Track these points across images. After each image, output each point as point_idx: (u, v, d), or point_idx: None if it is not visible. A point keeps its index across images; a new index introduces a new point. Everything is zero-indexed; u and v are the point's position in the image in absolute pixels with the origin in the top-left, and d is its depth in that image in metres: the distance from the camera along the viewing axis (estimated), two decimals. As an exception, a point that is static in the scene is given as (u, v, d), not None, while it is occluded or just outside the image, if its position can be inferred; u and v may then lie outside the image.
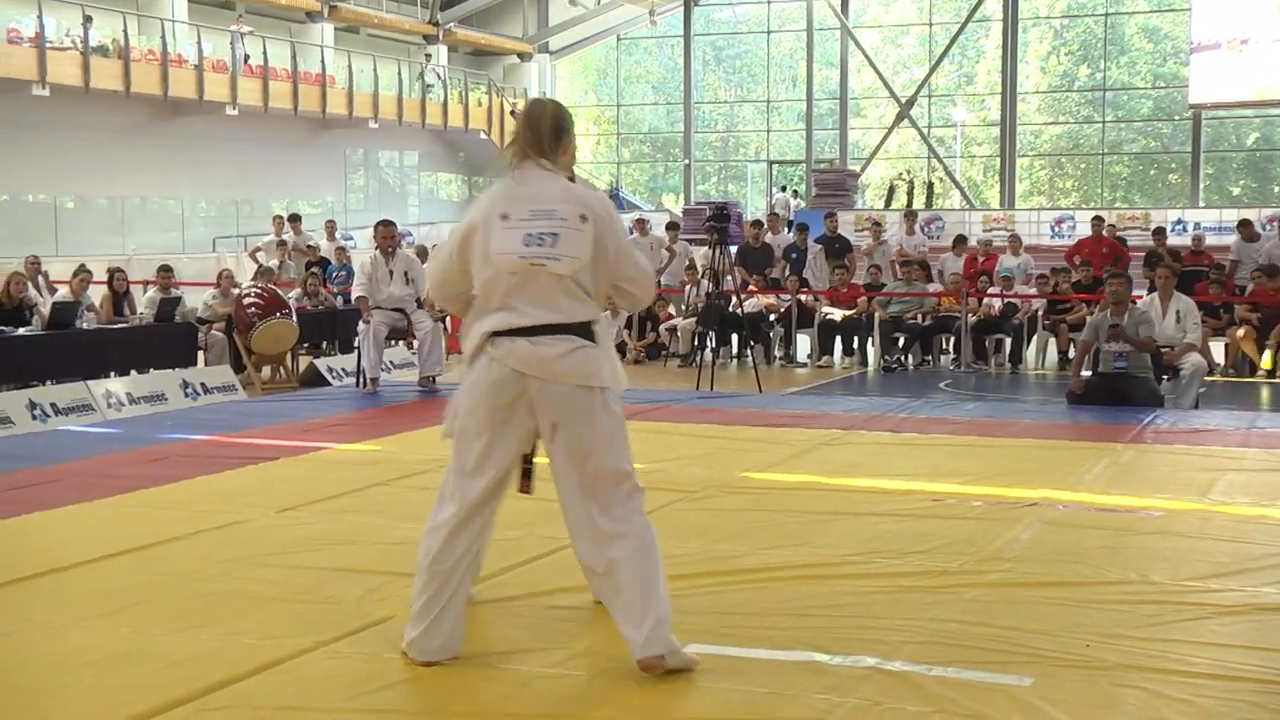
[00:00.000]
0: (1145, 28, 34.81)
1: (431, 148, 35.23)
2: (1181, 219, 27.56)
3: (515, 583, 5.10)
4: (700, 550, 5.49)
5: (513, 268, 4.11)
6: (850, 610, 4.69)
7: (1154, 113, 35.01)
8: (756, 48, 38.49)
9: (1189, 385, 10.81)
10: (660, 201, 37.87)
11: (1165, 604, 4.75)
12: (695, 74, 37.85)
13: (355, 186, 33.61)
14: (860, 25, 36.05)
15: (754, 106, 38.82)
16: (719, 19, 38.92)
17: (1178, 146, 34.28)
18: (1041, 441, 8.55)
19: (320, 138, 30.73)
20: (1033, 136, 36.01)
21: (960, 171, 36.13)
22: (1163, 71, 34.42)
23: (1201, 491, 6.78)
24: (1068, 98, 35.74)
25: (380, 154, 34.47)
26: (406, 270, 11.76)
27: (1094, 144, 35.46)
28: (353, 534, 5.93)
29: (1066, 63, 35.60)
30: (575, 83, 41.40)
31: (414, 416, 9.90)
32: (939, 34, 35.14)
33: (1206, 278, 15.13)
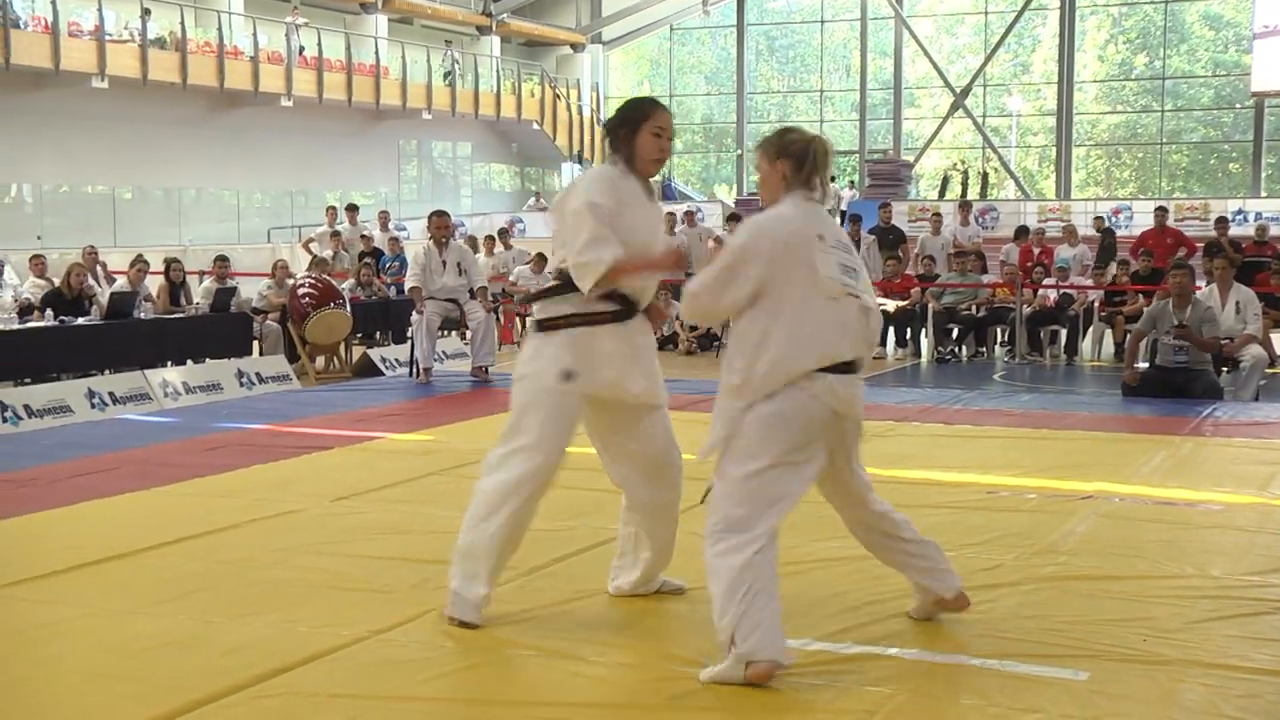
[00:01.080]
0: (1206, 15, 34.34)
1: (484, 138, 35.32)
2: (1242, 209, 27.18)
3: (566, 573, 5.12)
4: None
5: (835, 293, 3.98)
6: (903, 603, 4.66)
7: (1214, 101, 34.55)
8: (810, 37, 38.30)
9: (1249, 377, 10.67)
10: (713, 192, 37.81)
11: (1224, 599, 4.70)
12: (748, 64, 37.73)
13: (408, 177, 33.75)
14: (915, 14, 35.80)
15: (807, 96, 38.63)
16: (772, 8, 38.77)
17: (1239, 135, 33.82)
18: (1097, 434, 8.48)
19: (374, 129, 30.88)
20: (1089, 126, 35.63)
21: (1015, 161, 35.81)
22: (1224, 59, 33.96)
23: (1261, 485, 6.70)
24: (1125, 87, 35.33)
25: (433, 145, 34.59)
26: (460, 261, 11.80)
27: (1152, 133, 35.03)
28: (406, 523, 5.97)
29: (1124, 51, 35.18)
30: (628, 73, 41.38)
31: (467, 406, 9.95)
32: (994, 23, 34.82)
33: (1268, 268, 14.92)
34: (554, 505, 6.28)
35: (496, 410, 9.65)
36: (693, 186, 38.59)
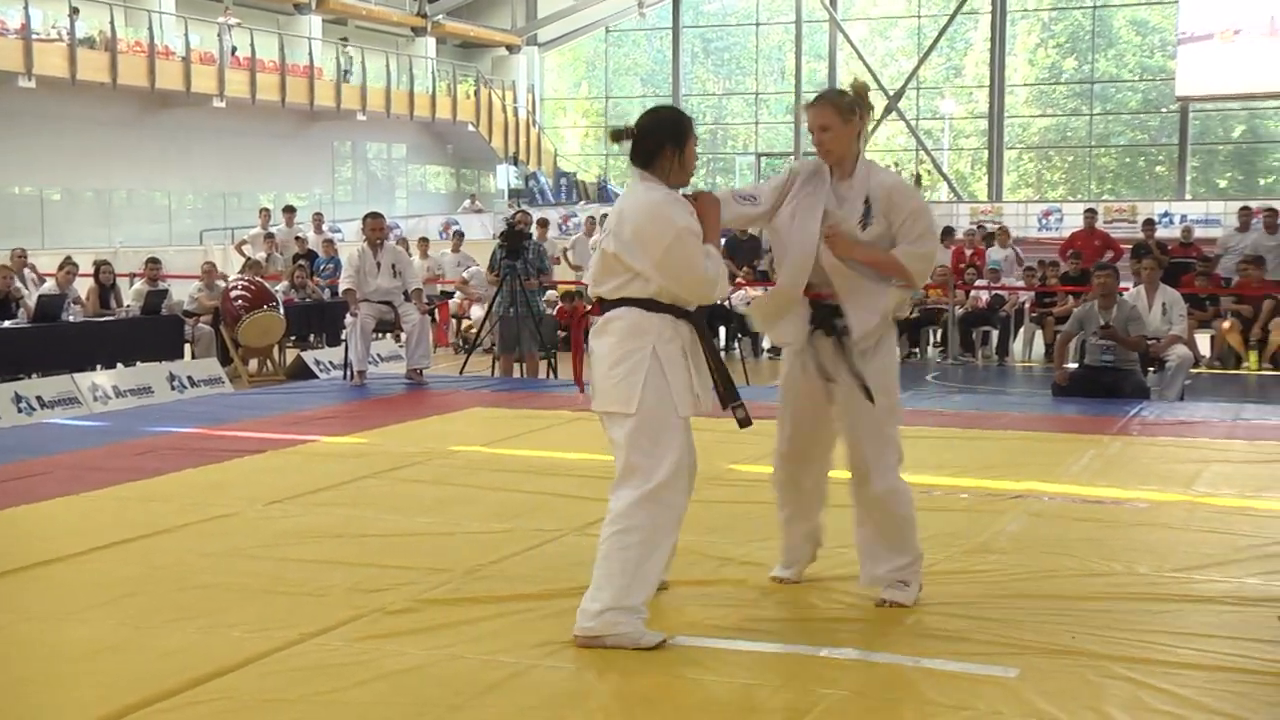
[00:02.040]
0: (1133, 20, 34.84)
1: (420, 140, 35.17)
2: (1168, 211, 27.63)
3: (503, 575, 5.11)
4: (685, 543, 5.49)
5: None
6: (836, 602, 4.71)
7: (1141, 105, 35.04)
8: (745, 40, 38.47)
9: (1174, 377, 10.84)
10: (648, 194, 37.78)
11: (1150, 595, 4.78)
12: (684, 66, 37.83)
13: (343, 179, 33.54)
14: (849, 18, 36.05)
15: (742, 99, 38.80)
16: (708, 11, 38.90)
17: (1165, 139, 34.33)
18: (1028, 434, 8.58)
19: (308, 130, 30.66)
20: (1020, 129, 36.04)
21: (948, 164, 36.15)
22: (1150, 64, 34.47)
23: (1187, 483, 6.81)
24: (1055, 90, 35.77)
25: (368, 146, 34.40)
26: (394, 263, 11.75)
27: (1081, 136, 35.49)
28: (341, 527, 5.94)
29: (1054, 55, 35.62)
30: (564, 75, 41.36)
31: (401, 409, 9.91)
32: (927, 26, 35.14)
33: (1193, 270, 15.17)
34: (489, 508, 6.30)
35: (431, 413, 9.64)
36: (629, 188, 38.58)
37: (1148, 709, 3.70)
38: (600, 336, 4.39)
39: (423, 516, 6.14)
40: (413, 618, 4.55)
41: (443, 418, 9.48)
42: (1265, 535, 5.69)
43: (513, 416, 9.45)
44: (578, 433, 8.70)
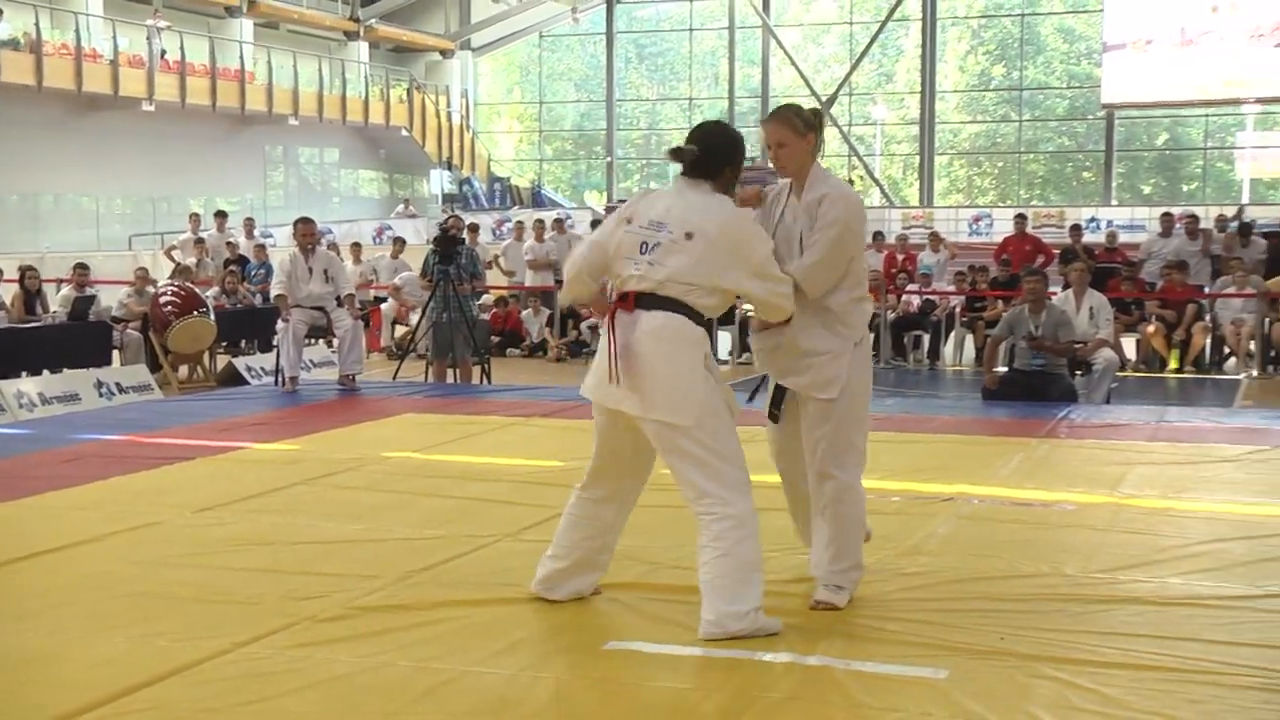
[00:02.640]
0: (1060, 28, 35.33)
1: (352, 145, 34.98)
2: (1095, 217, 28.03)
3: (436, 581, 5.09)
4: (621, 548, 5.50)
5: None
6: (768, 605, 4.73)
7: (1069, 112, 35.54)
8: (679, 45, 38.59)
9: (1101, 380, 10.99)
10: (583, 199, 37.87)
11: (1076, 596, 4.85)
12: (618, 71, 37.89)
13: (275, 184, 33.27)
14: (781, 24, 36.26)
15: (676, 104, 38.90)
16: (641, 16, 38.98)
17: (1092, 145, 34.84)
18: (958, 437, 8.67)
19: (239, 134, 30.39)
20: (951, 135, 36.42)
21: (880, 169, 36.45)
22: (1077, 71, 34.96)
23: (1112, 485, 6.91)
24: (985, 97, 36.19)
25: (300, 151, 34.15)
26: (326, 268, 11.67)
27: (1011, 143, 35.94)
28: (272, 534, 5.89)
29: (984, 62, 36.05)
30: (498, 80, 41.28)
31: (333, 415, 9.84)
32: (859, 33, 35.43)
33: (1119, 274, 15.39)
34: (422, 514, 6.27)
35: (364, 419, 9.59)
36: (563, 193, 38.61)
37: (1074, 708, 3.75)
38: (648, 339, 4.39)
39: (355, 523, 6.11)
40: (345, 625, 4.52)
41: (375, 423, 9.43)
42: (1186, 536, 5.78)
43: (446, 422, 9.42)
44: (512, 438, 8.70)
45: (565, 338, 16.75)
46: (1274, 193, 33.22)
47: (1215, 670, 4.05)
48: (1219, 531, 5.85)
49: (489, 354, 13.44)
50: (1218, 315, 14.72)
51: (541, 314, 17.14)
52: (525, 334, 17.16)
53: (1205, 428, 8.95)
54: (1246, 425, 9.03)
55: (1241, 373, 14.08)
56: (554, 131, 40.45)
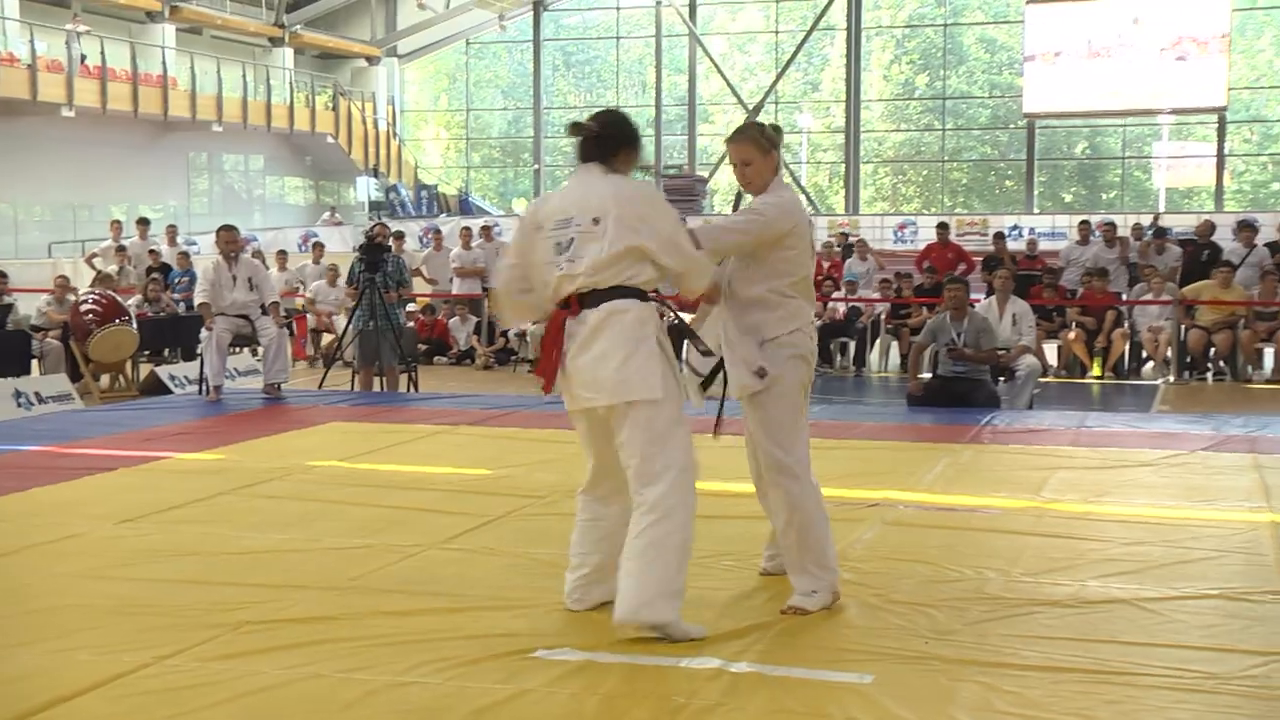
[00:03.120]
0: (982, 38, 35.76)
1: (278, 151, 34.66)
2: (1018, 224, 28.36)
3: (362, 591, 5.05)
4: (549, 556, 5.50)
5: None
6: (695, 612, 4.74)
7: (991, 121, 35.97)
8: (606, 53, 38.62)
9: (1024, 386, 11.13)
10: (510, 207, 37.78)
11: (999, 600, 4.91)
12: (545, 79, 37.84)
13: (198, 191, 32.90)
14: (708, 32, 36.39)
15: (604, 112, 38.91)
16: (569, 24, 38.97)
17: (1013, 154, 35.28)
18: (884, 443, 8.75)
19: (162, 141, 30.01)
20: (876, 143, 36.72)
21: (806, 178, 36.69)
22: (999, 81, 35.39)
23: (1035, 490, 7.00)
24: (909, 106, 36.53)
25: (224, 158, 33.79)
26: (251, 276, 11.57)
27: (935, 151, 36.30)
28: (195, 545, 5.82)
29: (908, 71, 36.39)
30: (424, 87, 41.08)
31: (258, 424, 9.75)
32: (785, 41, 35.62)
33: (1040, 281, 15.60)
34: (348, 523, 6.23)
35: (289, 428, 9.50)
36: (490, 201, 38.48)
37: (996, 711, 3.80)
38: (602, 332, 4.37)
39: (281, 533, 6.05)
40: (270, 636, 4.48)
41: (301, 432, 9.35)
42: (1105, 540, 5.88)
43: (373, 431, 9.37)
44: (439, 447, 8.66)
45: (493, 345, 16.70)
46: (1189, 201, 33.84)
47: (1132, 671, 4.11)
48: (1137, 535, 5.95)
49: (416, 362, 13.38)
50: (1135, 322, 14.96)
51: (469, 322, 17.08)
52: (452, 342, 17.09)
53: (1124, 433, 9.09)
54: (1163, 430, 9.19)
55: (1159, 378, 14.32)
56: (481, 139, 40.34)
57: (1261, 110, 34.05)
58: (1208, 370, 14.53)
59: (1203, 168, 33.24)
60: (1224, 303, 14.32)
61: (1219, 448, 8.31)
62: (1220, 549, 5.68)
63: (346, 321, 12.88)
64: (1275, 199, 33.15)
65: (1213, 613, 4.75)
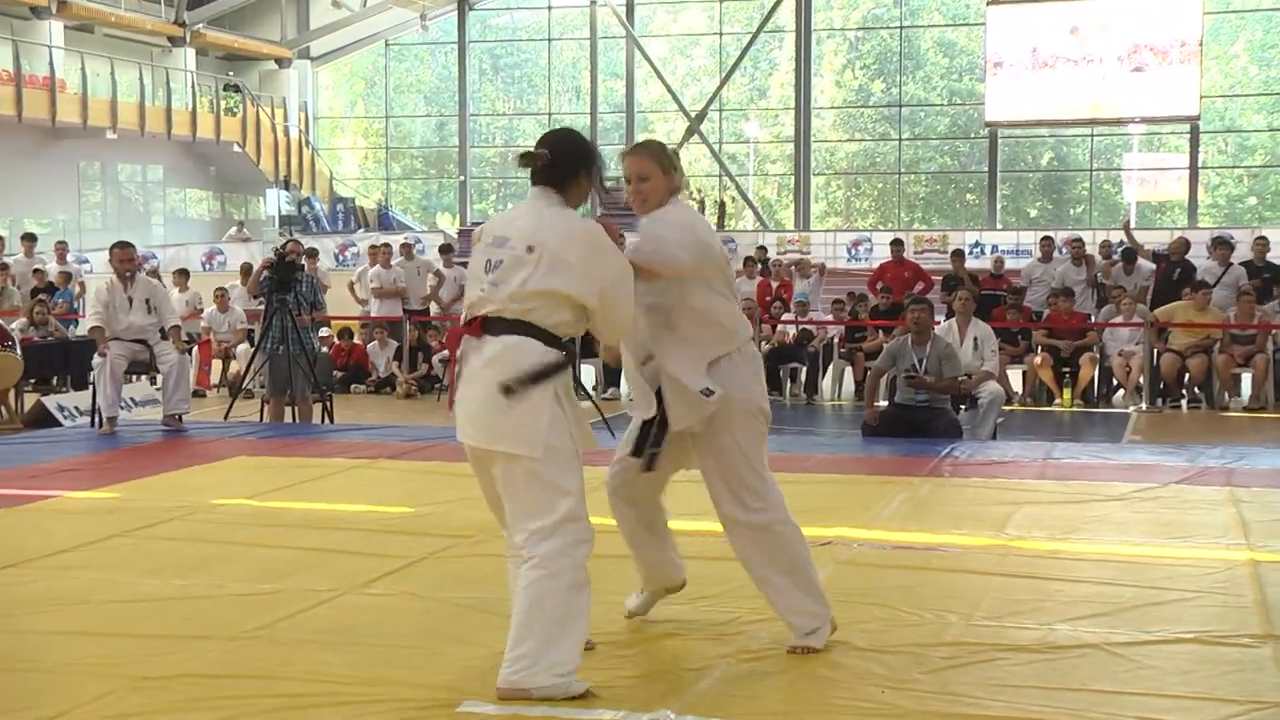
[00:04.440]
0: (941, 42, 36.14)
1: (179, 161, 34.42)
2: (979, 241, 28.69)
3: (271, 641, 5.01)
4: (475, 601, 5.49)
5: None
6: (635, 659, 4.74)
7: (951, 130, 36.33)
8: (537, 56, 38.71)
9: (986, 415, 11.23)
10: (434, 221, 37.72)
11: (961, 645, 4.94)
12: (471, 84, 37.85)
13: (91, 204, 32.59)
14: (647, 34, 36.57)
15: (535, 119, 38.96)
16: (496, 24, 39.03)
17: (975, 166, 35.64)
18: (837, 476, 8.79)
19: (49, 149, 29.71)
20: (828, 154, 37.01)
21: (753, 190, 36.90)
22: (959, 88, 35.77)
23: (998, 526, 7.06)
24: (863, 114, 36.85)
25: (119, 168, 33.51)
26: (149, 297, 11.47)
27: (890, 163, 36.59)
28: (85, 593, 5.75)
29: (862, 77, 36.71)
30: (340, 92, 40.98)
31: (157, 459, 9.65)
32: (730, 44, 35.85)
33: (1004, 302, 15.71)
34: (256, 567, 6.18)
35: (191, 463, 9.42)
36: (412, 215, 38.42)
37: (958, 765, 3.83)
38: (493, 366, 4.37)
39: (180, 578, 5.99)
40: (168, 693, 4.42)
41: (204, 468, 9.27)
42: (1074, 580, 5.94)
43: (283, 466, 9.30)
44: (355, 482, 8.61)
45: (415, 372, 16.64)
46: (1161, 217, 34.35)
47: (1104, 721, 4.16)
48: (1107, 574, 6.02)
49: (331, 390, 13.30)
50: (1105, 346, 15.13)
51: (389, 346, 17.02)
52: (371, 368, 17.02)
53: (1093, 465, 9.20)
54: (1135, 462, 9.31)
55: (1130, 406, 14.50)
56: (402, 148, 40.26)
57: (1236, 120, 34.62)
58: (1182, 398, 14.73)
59: (1175, 181, 33.74)
60: (1199, 325, 14.53)
61: (1194, 480, 8.43)
62: (1196, 589, 5.75)
63: (254, 346, 12.80)
64: (1251, 214, 33.70)
65: (1188, 658, 4.81)
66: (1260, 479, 8.49)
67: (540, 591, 4.28)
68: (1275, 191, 34.65)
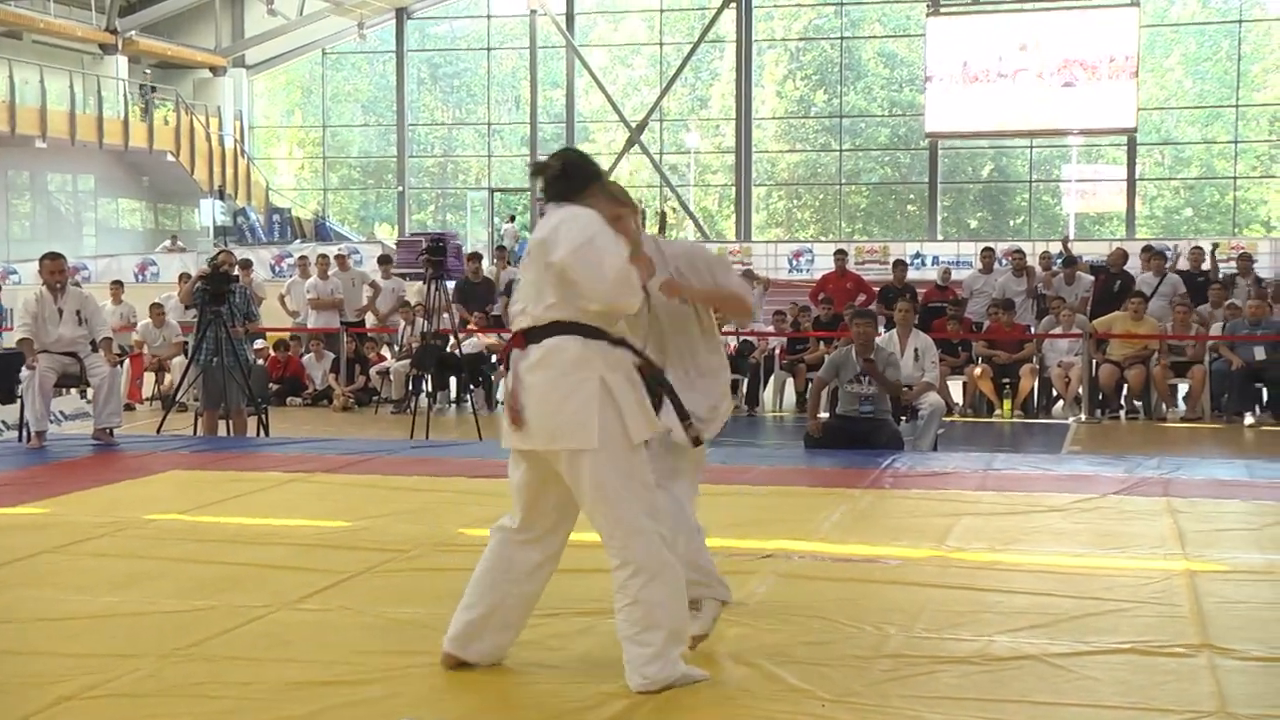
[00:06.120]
0: (882, 53, 36.39)
1: (111, 171, 34.09)
2: (920, 252, 28.91)
3: (203, 658, 4.96)
4: (413, 617, 5.47)
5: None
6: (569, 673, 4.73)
7: (891, 141, 36.57)
8: (476, 66, 38.66)
9: (927, 426, 11.31)
10: (372, 232, 37.57)
11: (901, 657, 4.96)
12: (409, 93, 37.76)
13: (19, 214, 32.23)
14: (587, 44, 36.62)
15: (474, 129, 38.94)
16: (435, 34, 38.96)
17: (916, 177, 35.89)
18: (778, 488, 8.81)
19: (-23, 158, 29.40)
20: (770, 165, 37.16)
21: (694, 201, 37.00)
22: (900, 98, 36.01)
23: (938, 538, 7.10)
24: (805, 124, 37.02)
25: (49, 177, 33.16)
26: (79, 309, 11.35)
27: (832, 173, 36.77)
28: (9, 611, 5.68)
29: (803, 87, 36.88)
30: (276, 100, 40.75)
31: (88, 474, 9.55)
32: (671, 54, 35.96)
33: (944, 313, 15.84)
34: (188, 583, 6.12)
35: (123, 477, 9.32)
36: (350, 226, 38.25)
37: (898, 778, 3.84)
38: (538, 370, 4.49)
39: (110, 595, 5.92)
40: (93, 713, 4.38)
41: (136, 482, 9.18)
42: (1013, 591, 5.98)
43: (217, 480, 9.23)
44: (291, 496, 8.56)
45: (352, 385, 16.55)
46: (1100, 228, 34.75)
47: (1042, 732, 4.19)
48: (1046, 586, 6.06)
49: (266, 403, 13.22)
50: (1045, 357, 15.27)
51: (325, 358, 16.92)
52: (308, 381, 16.92)
53: (1033, 475, 9.28)
54: (1074, 472, 9.40)
55: (1069, 417, 14.65)
56: (339, 158, 40.08)
57: (1172, 133, 35.09)
58: (1120, 408, 14.90)
59: (1114, 193, 34.15)
60: (1136, 336, 14.70)
61: (1132, 491, 8.52)
62: (1134, 600, 5.80)
63: (188, 358, 12.70)
64: (1187, 226, 34.16)
65: (1126, 668, 4.85)
66: (1197, 489, 8.59)
67: (656, 593, 4.44)
68: (1210, 203, 35.12)
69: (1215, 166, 34.89)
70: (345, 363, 16.74)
